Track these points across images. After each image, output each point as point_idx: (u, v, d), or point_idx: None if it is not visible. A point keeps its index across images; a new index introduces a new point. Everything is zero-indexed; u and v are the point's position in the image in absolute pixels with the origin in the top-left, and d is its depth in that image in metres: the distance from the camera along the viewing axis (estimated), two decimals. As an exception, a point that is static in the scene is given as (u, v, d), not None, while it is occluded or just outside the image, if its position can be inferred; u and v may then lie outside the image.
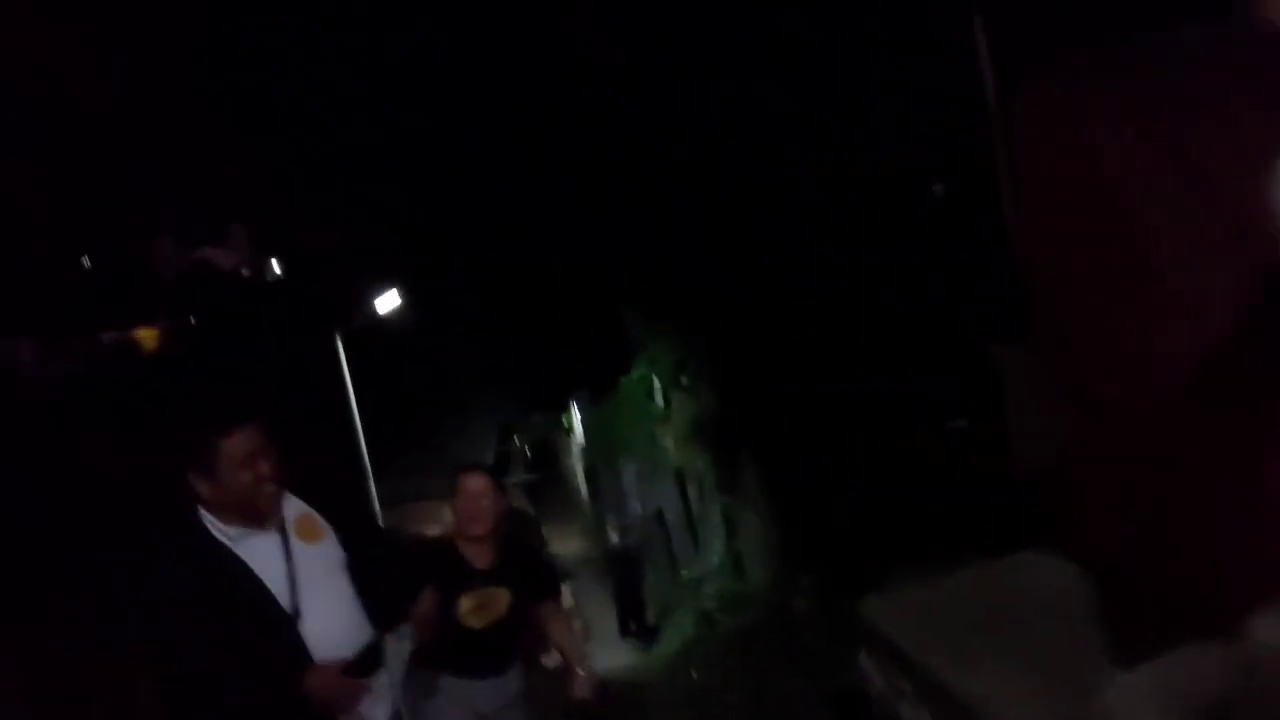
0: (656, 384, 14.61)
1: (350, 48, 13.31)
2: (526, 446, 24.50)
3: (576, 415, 22.58)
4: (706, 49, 8.17)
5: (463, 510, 3.76)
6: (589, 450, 21.58)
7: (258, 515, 2.81)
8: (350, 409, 13.80)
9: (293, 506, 2.94)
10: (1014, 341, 4.86)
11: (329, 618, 2.85)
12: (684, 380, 12.05)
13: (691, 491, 12.59)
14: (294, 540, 2.87)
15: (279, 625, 2.76)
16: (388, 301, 14.15)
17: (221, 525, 2.80)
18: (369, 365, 14.15)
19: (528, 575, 3.95)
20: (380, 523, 10.14)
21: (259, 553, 2.80)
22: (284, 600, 2.77)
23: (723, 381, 10.32)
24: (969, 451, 6.63)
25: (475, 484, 3.82)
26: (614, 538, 15.50)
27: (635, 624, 12.24)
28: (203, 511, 2.82)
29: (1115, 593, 3.83)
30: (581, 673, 3.93)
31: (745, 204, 9.03)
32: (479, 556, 3.78)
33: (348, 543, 3.01)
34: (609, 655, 9.89)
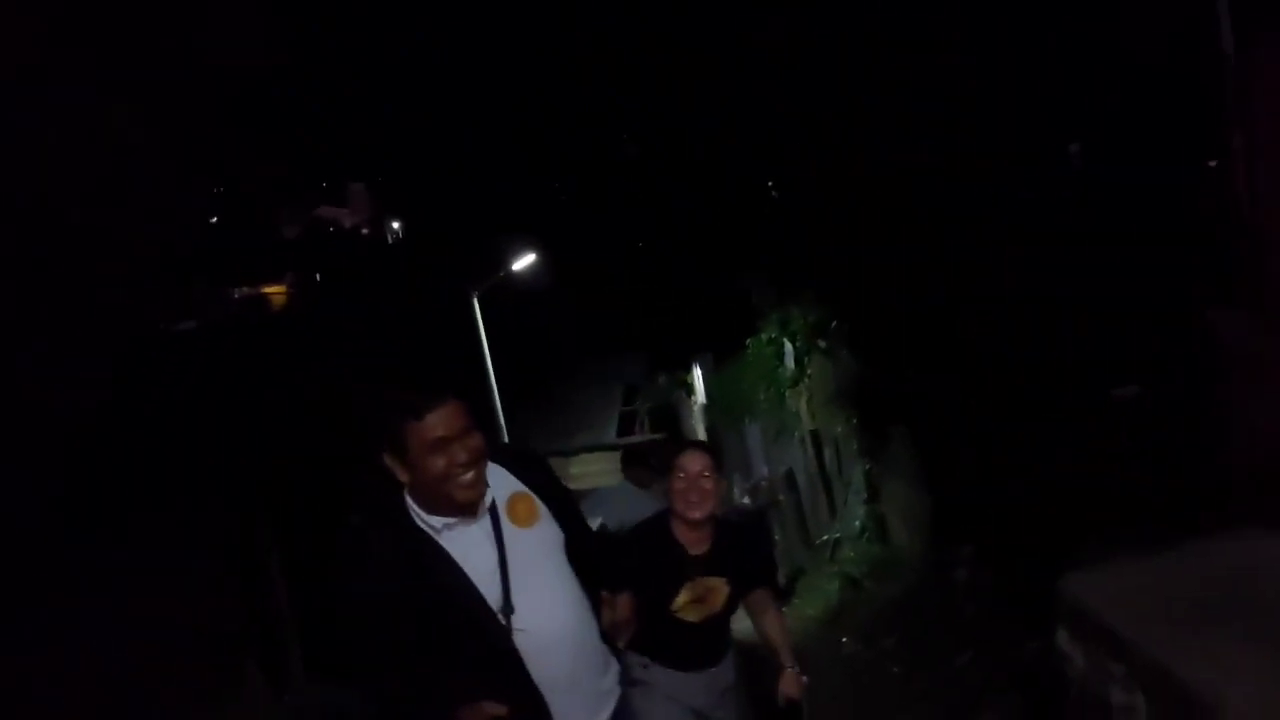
0: (788, 347, 14.50)
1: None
2: (649, 406, 24.58)
3: (699, 376, 22.59)
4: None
5: (682, 492, 3.42)
6: (711, 411, 21.60)
7: (459, 505, 2.46)
8: (486, 368, 14.02)
9: (504, 484, 2.59)
10: (1232, 306, 4.65)
11: (548, 609, 2.53)
12: (822, 344, 11.91)
13: (828, 454, 12.48)
14: (506, 525, 2.53)
15: (482, 629, 2.44)
16: (522, 261, 14.32)
17: (424, 514, 2.49)
18: (502, 324, 14.36)
19: (744, 562, 3.66)
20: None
21: (467, 543, 2.49)
22: (493, 597, 2.45)
23: (868, 345, 10.17)
24: (1140, 421, 6.40)
25: (697, 462, 3.46)
26: (741, 498, 15.51)
27: (765, 585, 12.14)
28: (407, 498, 2.51)
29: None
30: (791, 669, 3.65)
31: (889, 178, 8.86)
32: (696, 542, 3.50)
33: (565, 521, 2.66)
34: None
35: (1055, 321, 6.99)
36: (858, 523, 10.37)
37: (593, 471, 23.12)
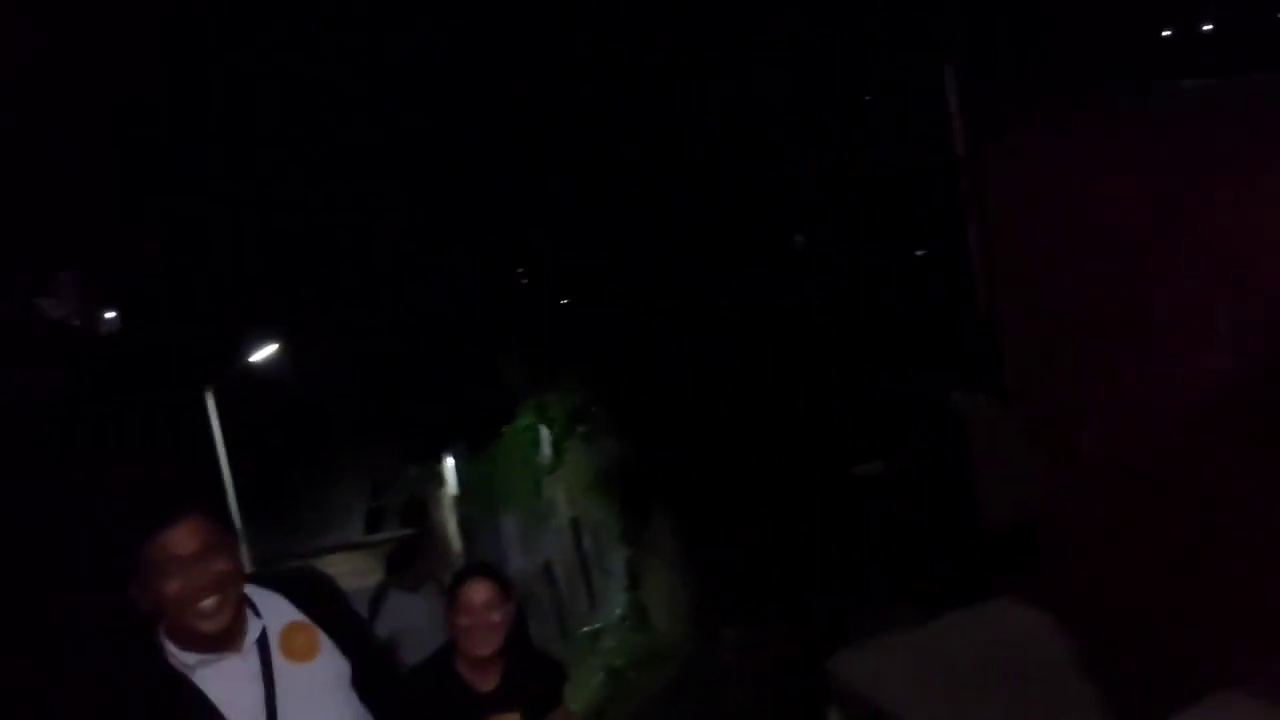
0: (544, 433, 14.35)
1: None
2: (399, 501, 23.73)
3: (449, 467, 22.02)
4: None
5: (465, 629, 3.01)
6: (464, 503, 21.07)
7: (204, 637, 2.11)
8: (220, 467, 13.08)
9: (280, 614, 2.26)
10: (975, 390, 4.84)
11: None
12: (580, 429, 11.82)
13: (586, 542, 12.33)
14: (279, 660, 2.20)
15: None
16: (262, 352, 13.55)
17: (175, 649, 2.13)
18: (239, 420, 13.48)
19: (537, 687, 3.28)
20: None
21: (228, 682, 2.14)
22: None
23: (627, 430, 10.15)
24: (886, 495, 6.62)
25: (480, 594, 3.02)
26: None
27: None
28: (160, 632, 2.15)
29: (1116, 645, 3.76)
30: None
31: (651, 245, 8.96)
32: (484, 680, 3.13)
33: (354, 654, 2.34)
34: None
35: (808, 403, 7.17)
36: (619, 611, 10.23)
37: (340, 573, 21.95)
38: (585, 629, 11.41)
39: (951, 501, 5.14)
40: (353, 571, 23.56)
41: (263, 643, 2.18)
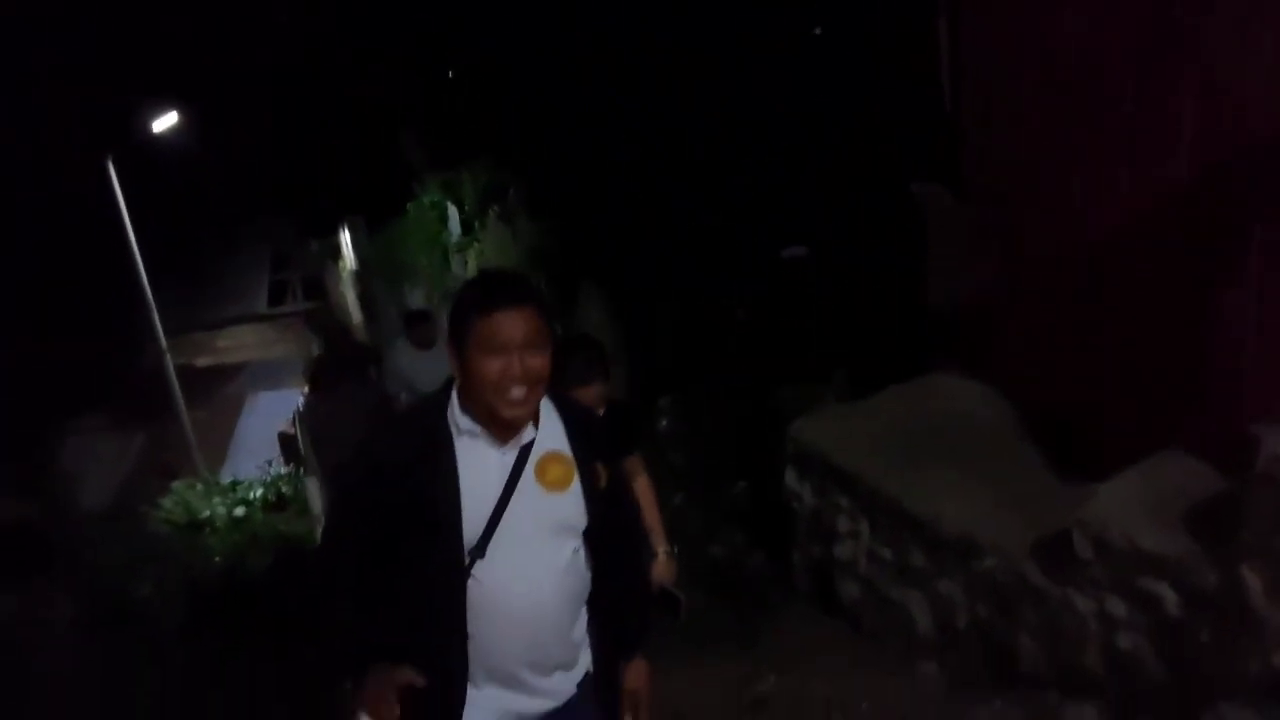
0: (452, 211, 14.23)
1: None
2: (301, 274, 23.34)
3: (348, 241, 21.64)
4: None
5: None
6: (363, 277, 20.85)
7: (498, 420, 2.09)
8: (128, 241, 12.64)
9: (550, 436, 2.19)
10: (932, 181, 5.09)
11: (518, 581, 2.12)
12: (495, 208, 11.79)
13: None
14: (528, 475, 2.14)
15: (440, 552, 2.09)
16: (163, 121, 12.91)
17: (459, 410, 2.13)
18: (141, 190, 12.97)
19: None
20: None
21: (478, 461, 2.11)
22: (471, 531, 2.09)
23: (547, 212, 10.18)
24: (816, 278, 6.91)
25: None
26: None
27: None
28: (455, 388, 2.17)
29: (1056, 414, 4.20)
30: (665, 552, 3.62)
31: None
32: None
33: (592, 513, 2.20)
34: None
35: (745, 183, 7.31)
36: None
37: (243, 344, 21.81)
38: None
39: (894, 285, 5.45)
40: (257, 343, 23.47)
41: (524, 453, 2.15)
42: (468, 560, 2.09)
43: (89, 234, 12.29)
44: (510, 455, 2.14)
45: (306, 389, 9.19)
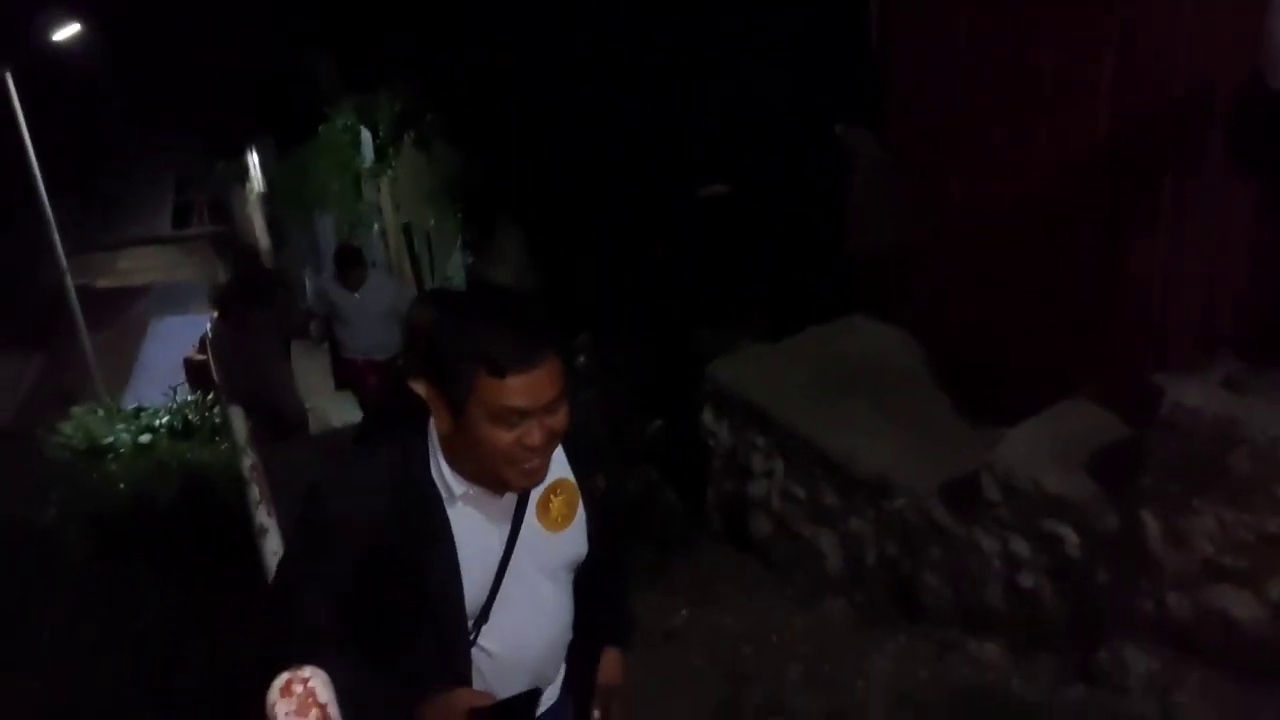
0: (366, 135, 13.85)
1: None
2: (207, 197, 22.54)
3: (255, 163, 20.98)
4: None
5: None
6: (271, 202, 20.27)
7: (503, 486, 1.75)
8: (27, 155, 12.02)
9: (554, 468, 1.82)
10: (858, 125, 5.08)
11: (523, 636, 1.87)
12: (411, 134, 11.49)
13: (419, 245, 12.29)
14: (530, 519, 1.83)
15: (442, 627, 1.80)
16: (62, 31, 12.22)
17: (447, 469, 1.74)
18: (43, 104, 12.32)
19: None
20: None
21: (476, 525, 1.78)
22: (474, 597, 1.79)
23: (465, 141, 9.96)
24: (737, 217, 6.89)
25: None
26: (316, 289, 14.91)
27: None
28: (432, 441, 1.76)
29: (969, 360, 4.28)
30: None
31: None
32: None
33: (594, 533, 1.94)
34: (344, 413, 9.59)
35: (664, 119, 7.21)
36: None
37: (147, 266, 21.06)
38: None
39: (815, 226, 5.46)
40: (160, 265, 22.69)
41: (524, 495, 1.82)
42: (471, 630, 1.82)
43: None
44: (509, 505, 1.81)
45: (215, 315, 8.95)
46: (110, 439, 11.10)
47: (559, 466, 1.85)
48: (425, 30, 10.52)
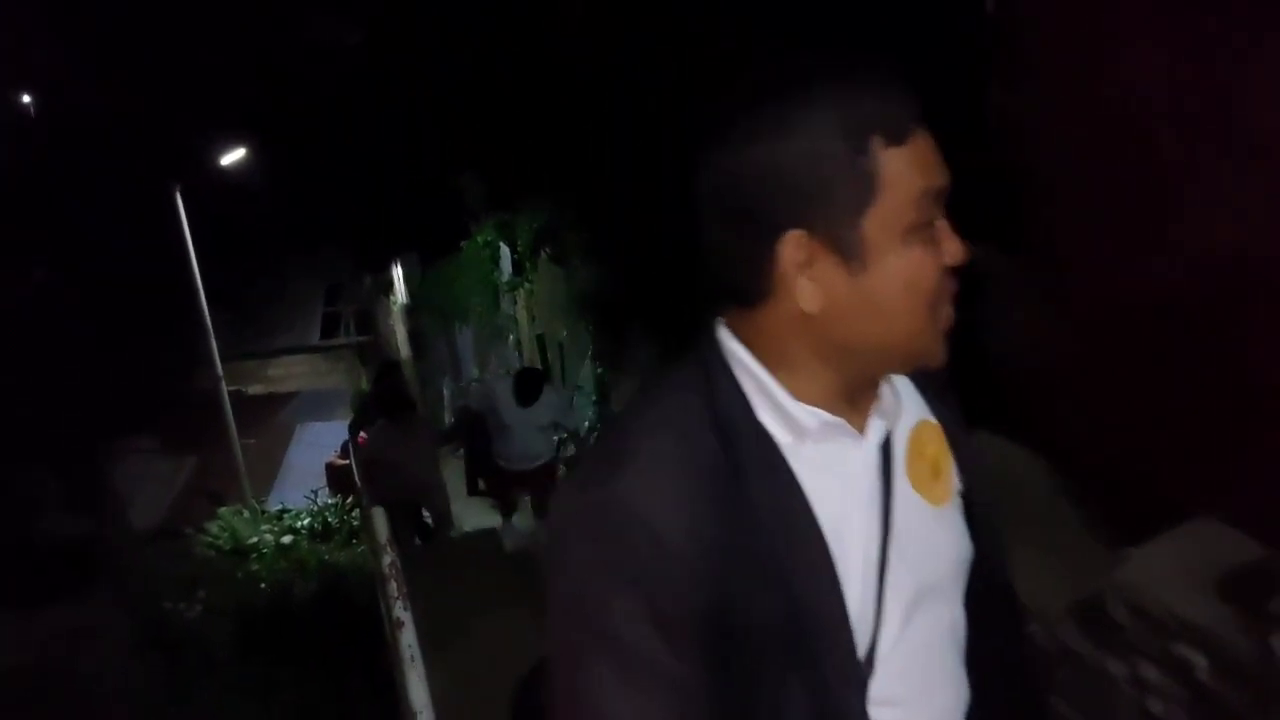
0: (505, 251, 14.52)
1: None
2: (354, 308, 23.82)
3: (399, 276, 22.10)
4: None
5: None
6: (414, 313, 21.27)
7: (913, 359, 1.13)
8: (190, 265, 13.08)
9: (909, 405, 1.22)
10: (986, 242, 5.20)
11: (937, 684, 1.19)
12: (547, 250, 12.04)
13: (552, 356, 12.72)
14: (900, 482, 1.16)
15: (816, 666, 1.04)
16: (231, 155, 13.39)
17: (788, 398, 1.09)
18: (205, 219, 13.44)
19: None
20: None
21: (843, 483, 1.11)
22: (857, 594, 1.08)
23: (600, 255, 10.39)
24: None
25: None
26: (455, 398, 15.54)
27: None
28: (753, 363, 1.11)
29: (1098, 477, 4.28)
30: None
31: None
32: None
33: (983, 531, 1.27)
34: (474, 518, 9.93)
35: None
36: (587, 423, 10.69)
37: (295, 374, 22.27)
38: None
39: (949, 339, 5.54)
40: (310, 373, 23.94)
41: (886, 446, 1.17)
42: (863, 672, 1.08)
43: (155, 258, 12.74)
44: (873, 456, 1.16)
45: (364, 417, 9.48)
46: (254, 539, 11.68)
47: (919, 407, 1.25)
48: (565, 151, 11.10)
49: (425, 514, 8.60)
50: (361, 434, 9.05)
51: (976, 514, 1.28)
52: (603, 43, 9.64)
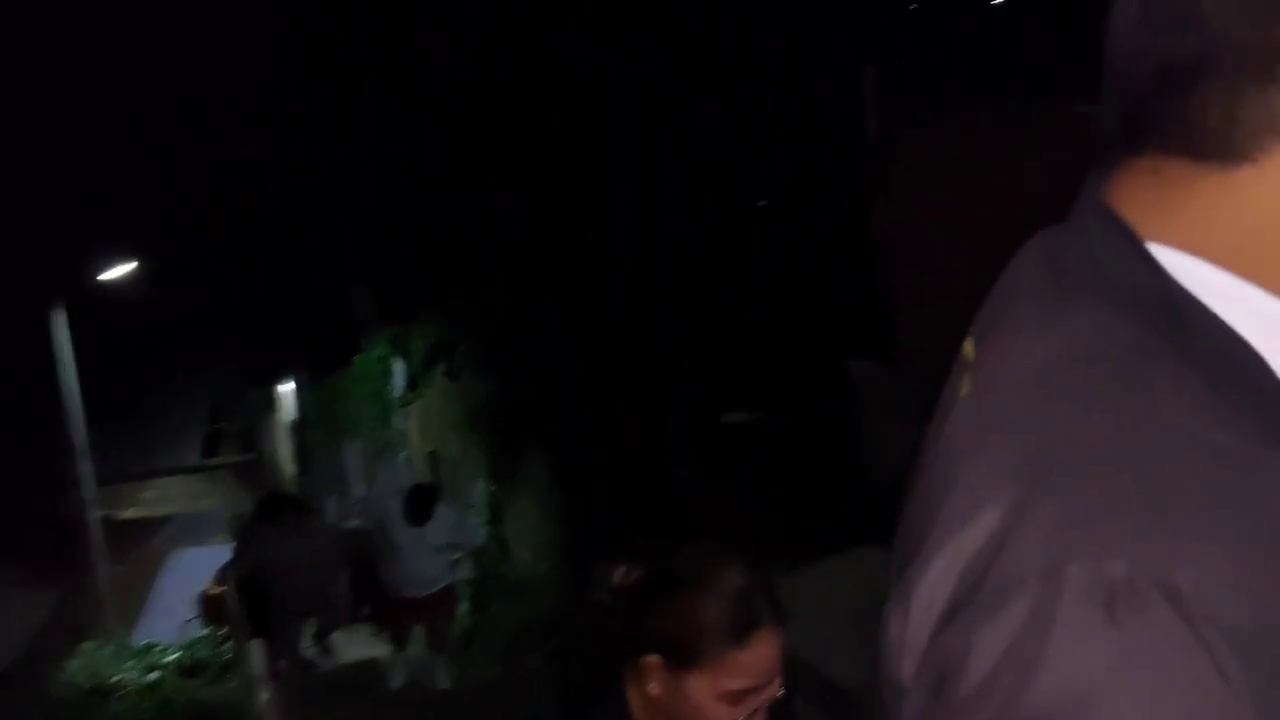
0: (398, 366, 14.35)
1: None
2: (239, 426, 23.14)
3: (288, 392, 21.61)
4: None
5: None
6: (301, 430, 20.77)
7: None
8: (61, 387, 12.56)
9: None
10: (865, 358, 5.30)
11: None
12: (442, 366, 11.92)
13: (444, 475, 12.48)
14: None
15: None
16: (118, 269, 13.05)
17: None
18: (84, 336, 12.98)
19: None
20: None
21: None
22: None
23: (494, 371, 10.32)
24: (759, 445, 7.06)
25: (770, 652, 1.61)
26: (344, 520, 15.06)
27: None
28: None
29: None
30: None
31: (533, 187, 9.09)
32: None
33: None
34: (358, 646, 9.52)
35: (690, 352, 7.52)
36: (478, 543, 10.45)
37: (171, 496, 21.34)
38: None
39: (827, 455, 5.60)
40: (186, 495, 23.00)
41: None
42: None
43: (26, 380, 12.26)
44: None
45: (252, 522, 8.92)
46: (116, 677, 11.00)
47: None
48: (458, 267, 11.10)
49: (311, 635, 8.23)
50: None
51: None
52: (499, 162, 9.75)
